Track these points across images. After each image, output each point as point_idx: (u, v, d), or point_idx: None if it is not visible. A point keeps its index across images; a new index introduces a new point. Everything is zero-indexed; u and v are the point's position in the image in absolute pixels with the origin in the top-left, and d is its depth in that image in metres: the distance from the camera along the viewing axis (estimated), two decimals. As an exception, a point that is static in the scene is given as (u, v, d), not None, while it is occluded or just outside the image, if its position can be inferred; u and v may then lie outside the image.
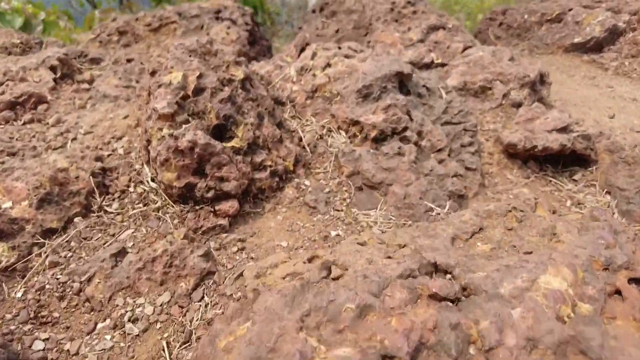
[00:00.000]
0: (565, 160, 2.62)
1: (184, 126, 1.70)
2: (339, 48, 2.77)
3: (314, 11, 4.46)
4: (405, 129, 2.18)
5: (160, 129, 1.70)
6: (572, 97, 3.61)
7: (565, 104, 3.44)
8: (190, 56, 1.94)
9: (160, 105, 1.70)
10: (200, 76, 1.86)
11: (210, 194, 1.70)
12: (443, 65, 3.51)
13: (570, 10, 4.64)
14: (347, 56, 2.67)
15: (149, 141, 1.77)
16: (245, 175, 1.78)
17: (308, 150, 2.24)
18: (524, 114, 2.71)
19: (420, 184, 1.80)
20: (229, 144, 1.81)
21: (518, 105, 2.91)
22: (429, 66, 3.50)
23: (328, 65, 2.62)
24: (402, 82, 2.41)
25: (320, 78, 2.50)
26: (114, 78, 2.77)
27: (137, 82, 2.79)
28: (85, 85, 2.70)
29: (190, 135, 1.64)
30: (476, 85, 2.97)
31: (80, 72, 2.84)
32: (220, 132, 1.84)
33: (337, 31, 4.06)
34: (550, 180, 2.52)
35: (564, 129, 2.55)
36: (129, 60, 2.95)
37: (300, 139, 2.30)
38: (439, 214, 1.71)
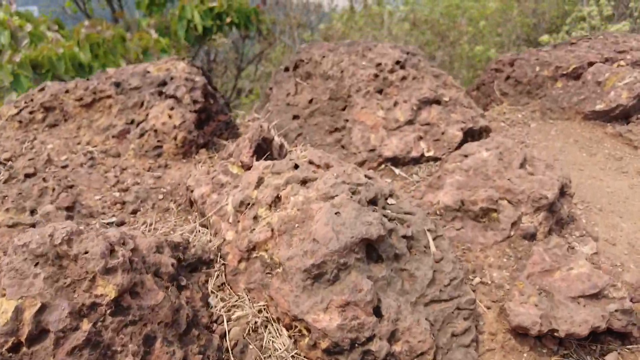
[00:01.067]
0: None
1: None
2: (295, 167, 2.10)
3: (286, 69, 3.77)
4: (370, 338, 1.51)
5: None
6: (596, 195, 2.91)
7: (588, 209, 2.75)
8: (35, 265, 1.28)
9: (-47, 391, 1.04)
10: (43, 308, 1.20)
11: None
12: (436, 159, 2.83)
13: (590, 65, 3.93)
14: (304, 182, 2.00)
15: None
16: None
17: (232, 359, 1.58)
18: (539, 262, 2.03)
19: None
20: None
21: (531, 236, 2.23)
22: (417, 161, 2.82)
23: (277, 199, 1.95)
24: (372, 245, 1.74)
25: (260, 230, 1.83)
26: (0, 209, 2.11)
27: (32, 213, 2.14)
28: (-43, 224, 2.04)
29: None
30: (477, 206, 2.28)
31: (-41, 198, 2.18)
32: (69, 403, 1.18)
33: (310, 101, 3.37)
34: (576, 367, 1.84)
35: (595, 296, 1.88)
36: (28, 176, 2.29)
37: (224, 335, 1.63)
38: None
